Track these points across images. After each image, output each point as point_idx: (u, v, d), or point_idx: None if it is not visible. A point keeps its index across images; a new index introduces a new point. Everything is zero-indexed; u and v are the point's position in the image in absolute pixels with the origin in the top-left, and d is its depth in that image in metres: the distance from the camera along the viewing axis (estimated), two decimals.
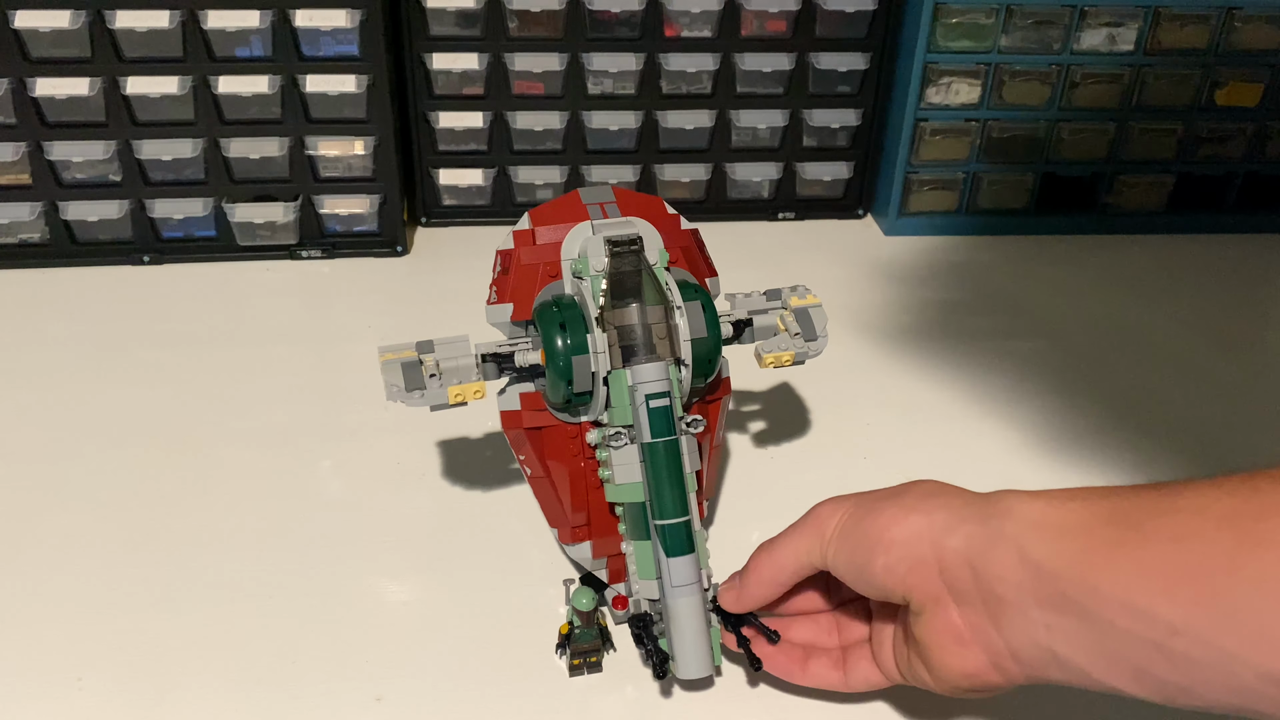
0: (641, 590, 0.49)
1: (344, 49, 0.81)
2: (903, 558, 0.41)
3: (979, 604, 0.40)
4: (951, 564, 0.40)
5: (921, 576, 0.41)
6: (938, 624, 0.41)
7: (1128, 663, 0.36)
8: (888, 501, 0.43)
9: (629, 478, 0.48)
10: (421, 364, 0.50)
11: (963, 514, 0.41)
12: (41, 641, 0.51)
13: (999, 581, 0.39)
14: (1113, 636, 0.36)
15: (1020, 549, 0.38)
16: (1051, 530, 0.38)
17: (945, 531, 0.41)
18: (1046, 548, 0.38)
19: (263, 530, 0.59)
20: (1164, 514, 0.36)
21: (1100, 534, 0.37)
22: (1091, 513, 0.38)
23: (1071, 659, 0.38)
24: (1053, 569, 0.37)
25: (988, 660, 0.40)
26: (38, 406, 0.69)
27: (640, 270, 0.48)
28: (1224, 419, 0.71)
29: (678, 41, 0.87)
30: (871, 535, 0.43)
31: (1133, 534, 0.36)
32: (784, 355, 0.54)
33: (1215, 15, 0.88)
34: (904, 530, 0.42)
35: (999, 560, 0.39)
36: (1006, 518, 0.39)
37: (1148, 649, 0.35)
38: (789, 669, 0.49)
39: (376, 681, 0.50)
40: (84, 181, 0.83)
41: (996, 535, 0.39)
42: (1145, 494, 0.37)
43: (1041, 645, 0.38)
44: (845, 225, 0.97)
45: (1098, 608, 0.36)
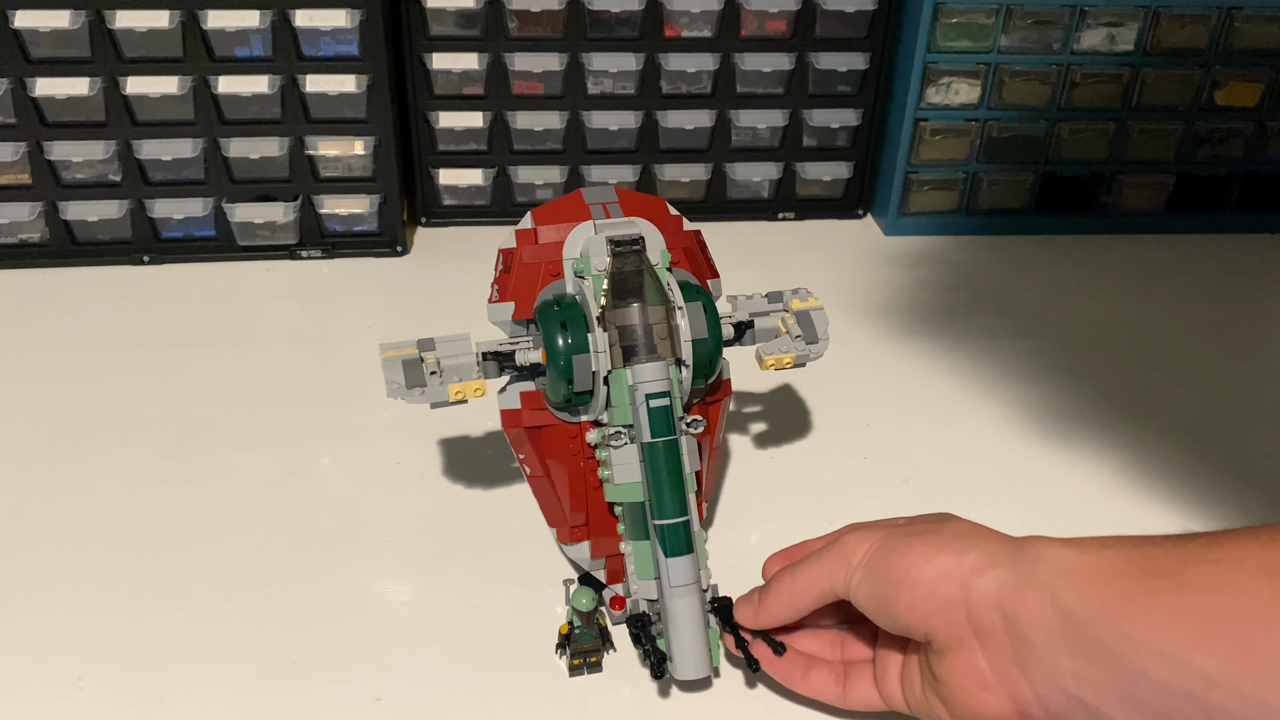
0: (640, 590, 0.49)
1: (344, 49, 0.81)
2: (928, 596, 0.41)
3: (1006, 648, 0.39)
4: (980, 606, 0.40)
5: (946, 617, 0.41)
6: (961, 666, 0.41)
7: (1159, 714, 0.35)
8: (918, 538, 0.43)
9: (628, 478, 0.48)
10: (422, 361, 0.50)
11: (994, 557, 0.40)
12: (41, 641, 0.51)
13: (1029, 626, 0.38)
14: (1145, 686, 0.35)
15: (1052, 594, 0.38)
16: (1085, 577, 0.38)
17: (975, 573, 0.40)
18: (1079, 594, 0.37)
19: (263, 530, 0.59)
20: (1200, 563, 0.36)
21: (1135, 582, 0.37)
22: (1125, 560, 0.37)
23: (1101, 708, 0.37)
24: (1085, 615, 0.37)
25: (1012, 707, 0.40)
26: (38, 407, 0.69)
27: (642, 270, 0.48)
28: (1224, 419, 0.71)
29: (678, 41, 0.87)
30: (898, 571, 0.42)
31: (1168, 583, 0.36)
32: (785, 358, 0.54)
33: (1215, 15, 0.88)
34: (932, 569, 0.41)
35: (1030, 605, 0.38)
36: (1039, 562, 0.39)
37: (1182, 700, 0.35)
38: (790, 675, 0.48)
39: (376, 681, 0.50)
40: (84, 181, 0.83)
41: (1028, 579, 0.39)
42: (1181, 544, 0.37)
43: (1070, 693, 0.38)
44: (845, 225, 0.97)
45: (1131, 656, 0.36)
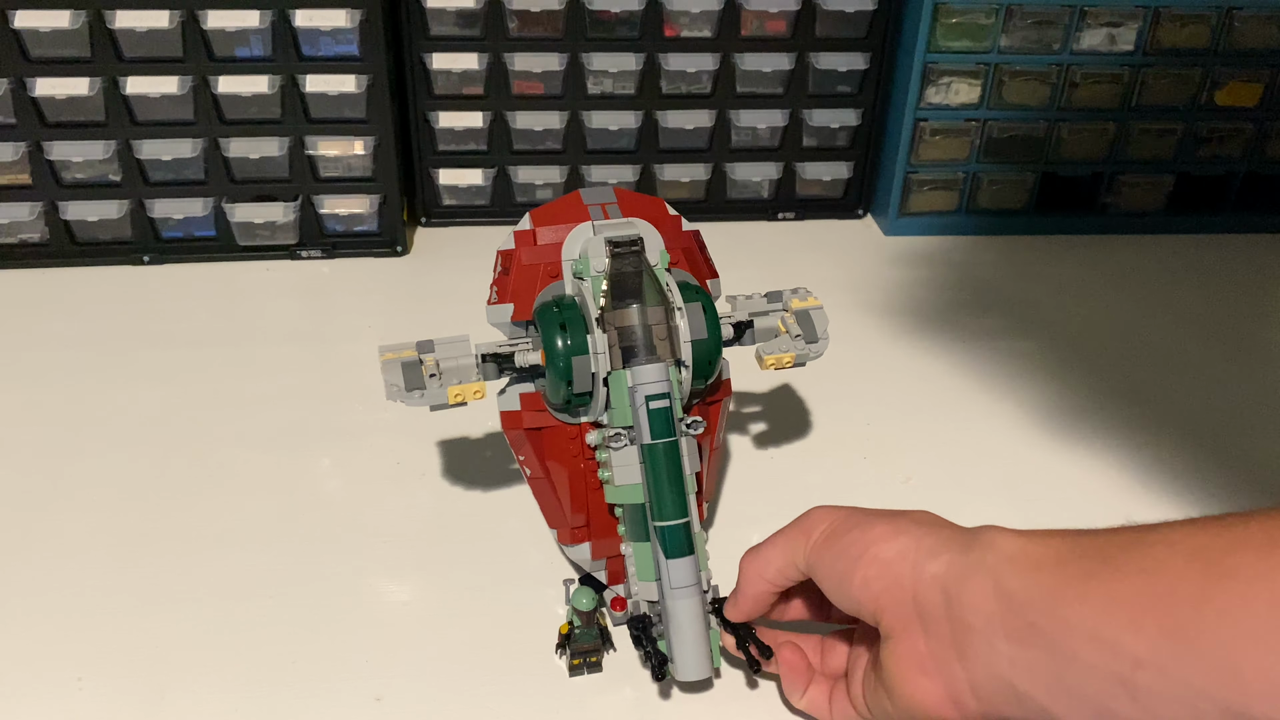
0: (641, 592, 0.49)
1: (344, 49, 0.81)
2: (882, 575, 0.42)
3: (946, 633, 0.40)
4: (927, 589, 0.40)
5: (895, 599, 0.41)
6: (902, 650, 0.41)
7: (1090, 700, 0.36)
8: (880, 520, 0.43)
9: (629, 479, 0.48)
10: (422, 364, 0.50)
11: (948, 543, 0.41)
12: (41, 641, 0.51)
13: (970, 610, 0.39)
14: (1076, 670, 0.36)
15: (996, 579, 0.39)
16: (1029, 563, 0.38)
17: (928, 556, 0.41)
18: (1021, 579, 0.38)
19: (263, 530, 0.59)
20: (1135, 546, 0.36)
21: (1074, 567, 0.37)
22: (1070, 548, 0.38)
23: (1031, 694, 0.37)
24: (1024, 599, 0.38)
25: (945, 694, 0.40)
26: (38, 406, 0.69)
27: (641, 271, 0.48)
28: (1224, 418, 0.71)
29: (678, 41, 0.87)
30: (857, 547, 0.43)
31: (1104, 566, 0.36)
32: (785, 357, 0.54)
33: (1215, 15, 0.88)
34: (889, 549, 0.42)
35: (974, 589, 0.39)
36: (988, 549, 0.40)
37: (1111, 683, 0.35)
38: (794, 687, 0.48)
39: (376, 681, 0.50)
40: (84, 181, 0.83)
41: (976, 565, 0.39)
42: (1122, 532, 0.38)
43: (1003, 679, 0.38)
44: (845, 225, 0.97)
45: (1064, 639, 0.36)
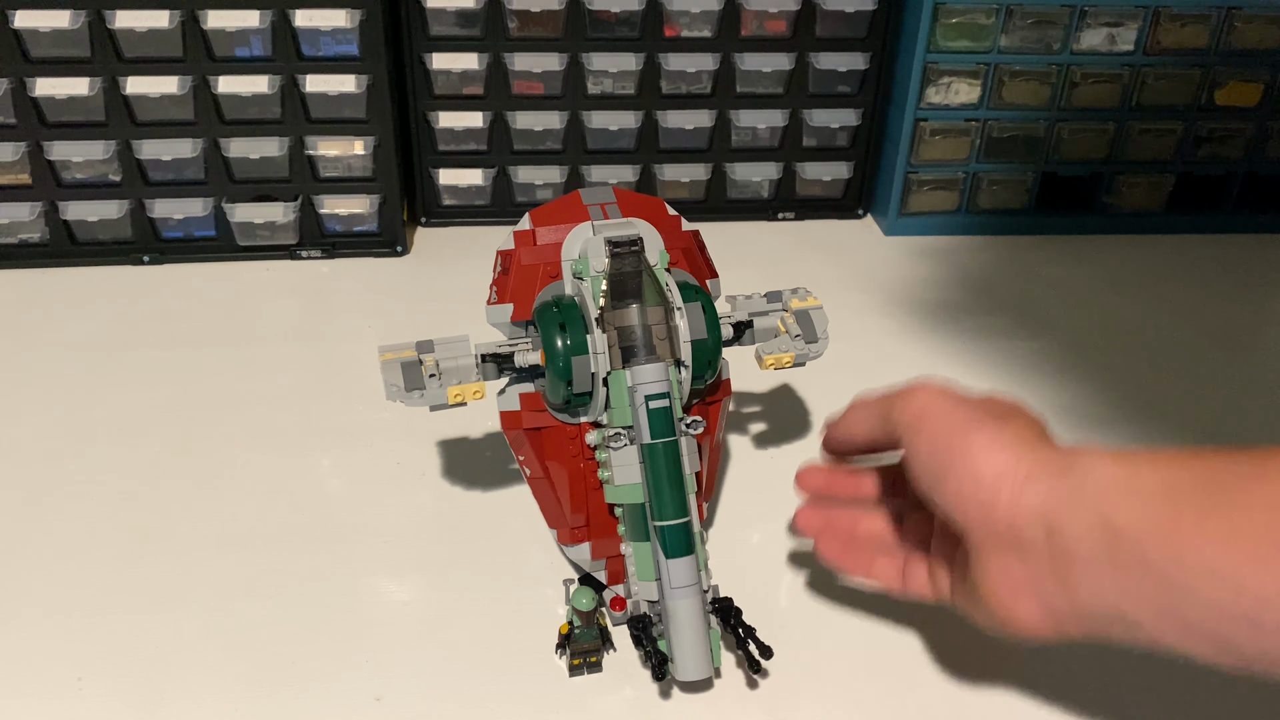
0: (641, 592, 0.49)
1: (344, 49, 0.81)
2: (976, 492, 0.41)
3: (1045, 561, 0.39)
4: (1025, 520, 0.40)
5: (987, 518, 0.41)
6: (994, 569, 0.41)
7: (1209, 632, 0.36)
8: (984, 426, 0.42)
9: (628, 479, 0.48)
10: (421, 364, 0.50)
11: (1047, 466, 0.40)
12: (41, 641, 0.51)
13: (1074, 541, 0.38)
14: (1194, 604, 0.36)
15: (1100, 512, 0.38)
16: (1134, 493, 0.37)
17: (1026, 481, 0.40)
18: (1129, 512, 0.37)
19: (262, 530, 0.59)
20: (1258, 480, 0.35)
21: (1189, 499, 0.36)
22: (1177, 476, 0.37)
23: (1141, 621, 0.37)
24: (1134, 533, 0.37)
25: (1042, 613, 0.40)
26: (38, 406, 0.69)
27: (641, 271, 0.48)
28: (1224, 418, 0.71)
29: (678, 41, 0.87)
30: (955, 454, 0.42)
31: (1223, 499, 0.35)
32: (784, 357, 0.55)
33: (1215, 15, 0.88)
34: (988, 466, 0.41)
35: (1076, 520, 0.38)
36: (1087, 475, 0.39)
37: (1235, 619, 0.35)
38: (857, 564, 0.50)
39: (376, 681, 0.50)
40: (84, 181, 0.83)
41: (1076, 493, 0.39)
42: (1235, 460, 0.37)
43: (1111, 606, 0.38)
44: (845, 225, 0.97)
45: (1180, 575, 0.36)
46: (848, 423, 0.49)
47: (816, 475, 0.53)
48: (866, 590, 0.56)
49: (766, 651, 0.48)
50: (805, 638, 0.52)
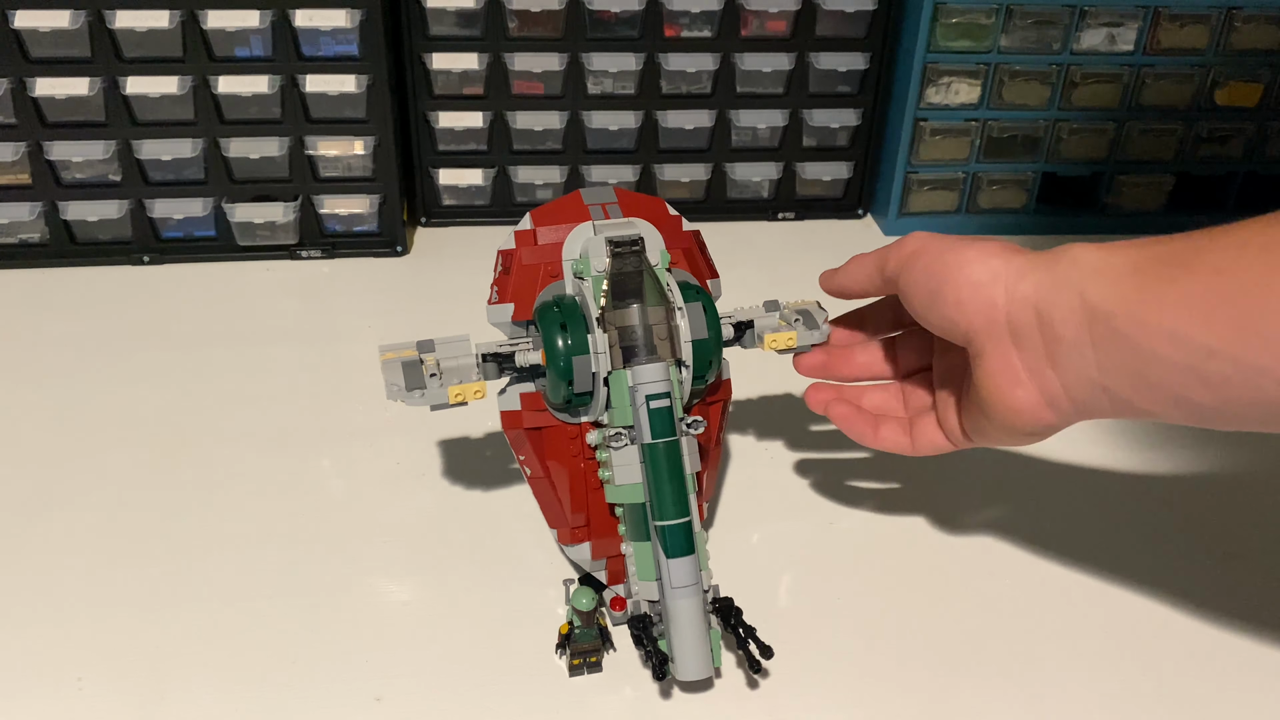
0: (641, 591, 0.49)
1: (344, 49, 0.81)
2: (974, 296, 0.45)
3: (1039, 345, 0.43)
4: (1019, 308, 0.44)
5: (987, 318, 0.44)
6: (995, 364, 0.45)
7: (1168, 389, 0.40)
8: (973, 242, 0.46)
9: (629, 479, 0.48)
10: (422, 363, 0.50)
11: (1034, 262, 0.44)
12: (41, 641, 0.51)
13: (1060, 323, 0.42)
14: (1156, 365, 0.39)
15: (1081, 292, 0.42)
16: (1110, 274, 0.41)
17: (1018, 276, 0.44)
18: (1103, 290, 0.41)
19: (262, 530, 0.59)
20: (1209, 250, 0.39)
21: (1152, 273, 0.40)
22: (1147, 256, 0.41)
23: (1119, 391, 0.41)
24: (1108, 309, 0.41)
25: (1041, 398, 0.44)
26: (37, 406, 0.69)
27: (642, 271, 0.48)
28: None
29: (678, 41, 0.87)
30: (950, 268, 0.46)
31: (1180, 270, 0.39)
32: (784, 336, 0.55)
33: (1215, 15, 0.88)
34: (982, 271, 0.45)
35: (1061, 304, 0.42)
36: (1072, 265, 0.42)
37: (1187, 374, 0.39)
38: (863, 433, 0.54)
39: (376, 681, 0.50)
40: (84, 181, 0.83)
41: (1062, 280, 0.42)
42: (1197, 235, 0.40)
43: (1093, 380, 0.42)
44: (845, 225, 0.97)
45: (1145, 340, 0.39)
46: (846, 271, 0.53)
47: (815, 356, 0.56)
48: (866, 590, 0.56)
49: (767, 651, 0.48)
50: (805, 637, 0.53)
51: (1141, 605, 0.56)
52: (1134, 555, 0.59)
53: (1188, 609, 0.55)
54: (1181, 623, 0.55)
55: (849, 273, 0.53)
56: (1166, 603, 0.56)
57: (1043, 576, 0.57)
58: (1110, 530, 0.60)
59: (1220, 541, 0.60)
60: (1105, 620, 0.55)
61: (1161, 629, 0.54)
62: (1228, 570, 0.58)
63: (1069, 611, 0.55)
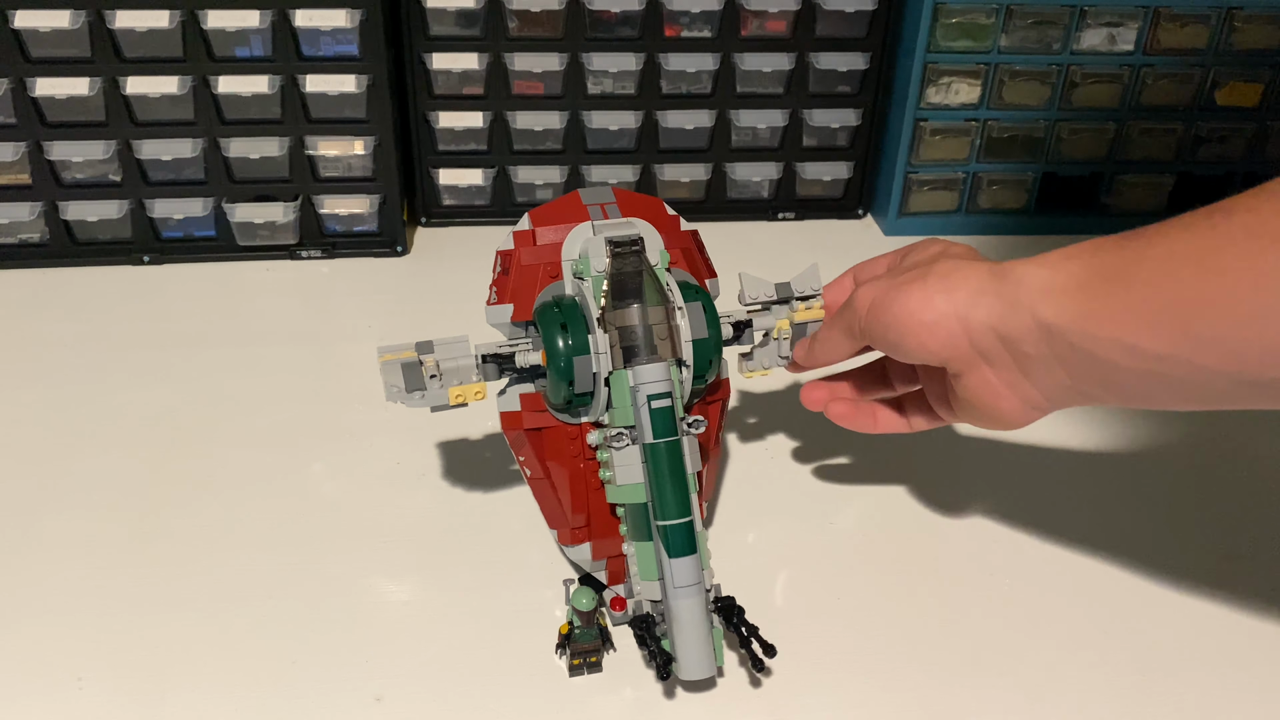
0: (643, 591, 0.49)
1: (344, 49, 0.81)
2: (933, 336, 0.47)
3: (1009, 363, 0.46)
4: (979, 334, 0.46)
5: (954, 349, 0.47)
6: (974, 383, 0.48)
7: (1135, 390, 0.43)
8: (911, 286, 0.48)
9: (630, 479, 0.48)
10: (421, 365, 0.50)
11: (980, 288, 0.46)
12: (41, 641, 0.51)
13: (1022, 343, 0.45)
14: (1116, 373, 0.42)
15: (1033, 314, 0.44)
16: (1055, 292, 0.44)
17: (969, 308, 0.46)
18: (1052, 309, 0.43)
19: (263, 530, 0.59)
20: (1142, 261, 0.42)
21: (1095, 289, 0.42)
22: (1086, 270, 0.43)
23: (1092, 392, 0.45)
24: (1060, 326, 0.43)
25: (1020, 404, 0.47)
26: (37, 406, 0.69)
27: (641, 271, 0.48)
28: (1222, 416, 0.71)
29: (678, 41, 0.87)
30: (902, 319, 0.48)
31: (1118, 285, 0.42)
32: (764, 371, 0.58)
33: (1215, 15, 0.88)
34: (931, 312, 0.47)
35: (1018, 326, 0.45)
36: (1019, 286, 0.45)
37: (1146, 378, 0.42)
38: (864, 424, 0.56)
39: (376, 681, 0.50)
40: (84, 181, 0.83)
41: (1012, 304, 0.45)
42: (1129, 244, 0.43)
43: (1066, 386, 0.45)
44: (845, 225, 0.97)
45: (1100, 351, 0.42)
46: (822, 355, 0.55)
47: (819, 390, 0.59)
48: (865, 589, 0.56)
49: (770, 650, 0.48)
50: (806, 637, 0.53)
51: (1142, 605, 0.56)
52: (1135, 555, 0.59)
53: (1188, 609, 0.55)
54: (1182, 623, 0.55)
55: (824, 353, 0.55)
56: (1167, 603, 0.56)
57: (1042, 575, 0.57)
58: (1111, 530, 0.61)
59: (1221, 541, 0.60)
60: (1105, 620, 0.55)
61: (1162, 629, 0.54)
62: (1228, 570, 0.58)
63: (1068, 610, 0.55)
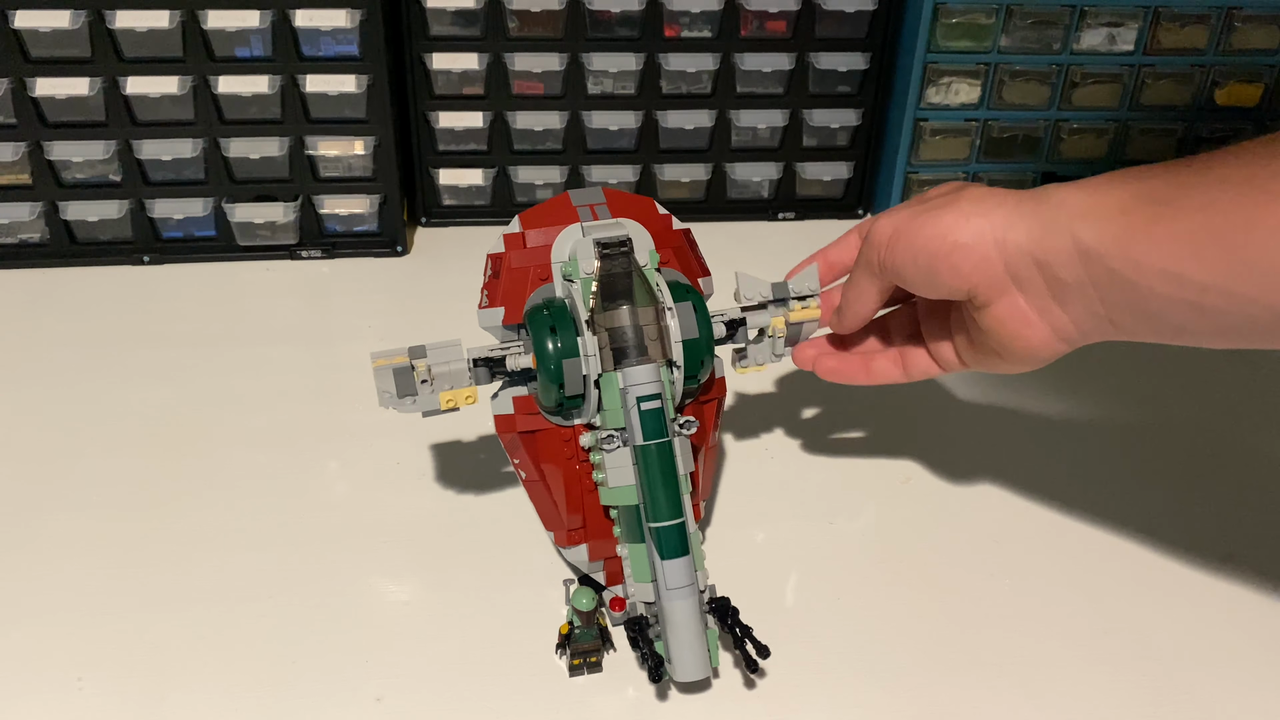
0: (637, 593, 0.49)
1: (344, 49, 0.81)
2: (967, 258, 0.46)
3: (1042, 288, 0.45)
4: (1015, 258, 0.45)
5: (986, 274, 0.46)
6: (1003, 311, 0.47)
7: (1168, 320, 0.42)
8: (944, 210, 0.47)
9: (622, 480, 0.48)
10: (413, 369, 0.50)
11: (1019, 210, 0.45)
12: (41, 641, 0.52)
13: (1059, 268, 0.44)
14: (1154, 300, 0.42)
15: (1073, 236, 0.43)
16: (1097, 215, 0.43)
17: (1006, 229, 0.45)
18: (1094, 232, 0.42)
19: (262, 530, 0.59)
20: (1194, 187, 0.40)
21: (1139, 213, 0.41)
22: (1132, 195, 0.42)
23: (1123, 322, 0.44)
24: (1100, 250, 0.42)
25: (1052, 333, 0.47)
26: (38, 406, 0.69)
27: (630, 272, 0.48)
28: (1223, 417, 0.71)
29: (678, 41, 0.87)
30: (934, 241, 0.47)
31: (1166, 209, 0.41)
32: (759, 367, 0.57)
33: (1215, 15, 0.88)
34: (968, 233, 0.46)
35: (1056, 249, 0.44)
36: (1059, 209, 0.44)
37: (1183, 308, 0.41)
38: (854, 374, 0.56)
39: (376, 681, 0.50)
40: (84, 181, 0.83)
41: (1051, 227, 0.44)
42: (1179, 170, 0.41)
43: (1098, 314, 0.44)
44: (845, 225, 0.97)
45: (1139, 278, 0.41)
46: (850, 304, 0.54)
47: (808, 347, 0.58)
48: (865, 589, 0.56)
49: (764, 651, 0.48)
50: (803, 637, 0.53)
51: (1144, 605, 0.56)
52: (1137, 555, 0.59)
53: (1190, 609, 0.55)
54: (1184, 622, 0.54)
55: (851, 303, 0.54)
56: (1169, 602, 0.56)
57: (1043, 575, 0.57)
58: (1112, 530, 0.60)
59: (1223, 541, 0.60)
60: (1107, 620, 0.55)
61: (1164, 629, 0.54)
62: (1230, 569, 0.58)
63: (1070, 611, 0.55)
